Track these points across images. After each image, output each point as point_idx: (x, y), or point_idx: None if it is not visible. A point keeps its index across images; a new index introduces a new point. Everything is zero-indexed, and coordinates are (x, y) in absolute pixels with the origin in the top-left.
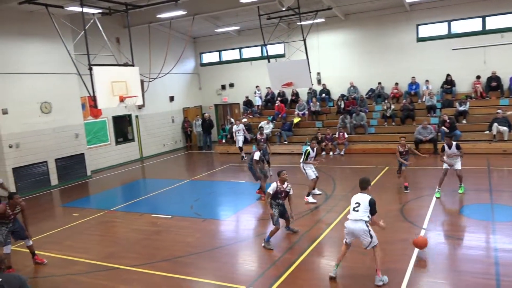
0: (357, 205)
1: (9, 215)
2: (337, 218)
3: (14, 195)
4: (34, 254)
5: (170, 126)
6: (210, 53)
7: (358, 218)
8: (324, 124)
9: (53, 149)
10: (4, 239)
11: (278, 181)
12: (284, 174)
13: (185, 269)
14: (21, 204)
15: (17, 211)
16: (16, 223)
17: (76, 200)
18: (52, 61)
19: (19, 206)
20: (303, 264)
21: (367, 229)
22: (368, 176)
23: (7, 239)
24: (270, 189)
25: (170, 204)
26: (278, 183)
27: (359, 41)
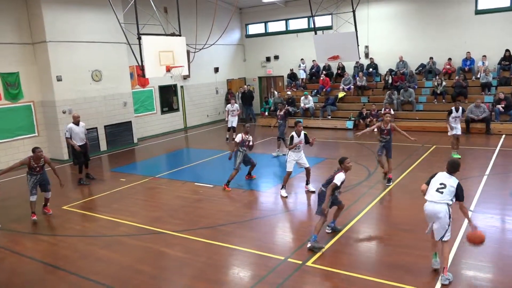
0: (442, 186)
1: (35, 167)
2: (379, 195)
3: (36, 149)
4: (46, 205)
5: (214, 97)
6: (255, 24)
7: (442, 200)
8: (369, 99)
9: (103, 116)
10: (31, 188)
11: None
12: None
13: (225, 237)
14: (45, 157)
15: (41, 163)
16: (43, 175)
17: (124, 166)
18: (103, 30)
19: (43, 159)
20: (343, 239)
21: (449, 212)
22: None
23: (33, 190)
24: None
25: (212, 174)
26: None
27: (411, 13)
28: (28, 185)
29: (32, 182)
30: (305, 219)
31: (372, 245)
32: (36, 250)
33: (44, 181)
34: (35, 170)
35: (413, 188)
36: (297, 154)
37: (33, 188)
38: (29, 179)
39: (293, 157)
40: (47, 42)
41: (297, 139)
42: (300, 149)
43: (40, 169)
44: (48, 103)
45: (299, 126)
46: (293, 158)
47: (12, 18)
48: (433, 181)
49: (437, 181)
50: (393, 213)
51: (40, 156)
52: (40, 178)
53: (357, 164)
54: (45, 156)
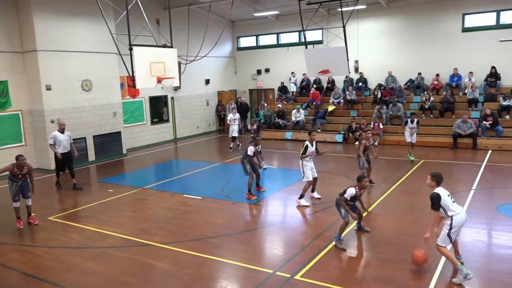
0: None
1: (17, 174)
2: (367, 208)
3: (20, 157)
4: (30, 214)
5: (204, 109)
6: (247, 37)
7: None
8: (359, 113)
9: (92, 126)
10: (13, 195)
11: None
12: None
13: (213, 249)
14: (28, 165)
15: (24, 171)
16: (25, 182)
17: (112, 176)
18: (94, 40)
19: (26, 167)
20: (331, 252)
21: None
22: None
23: (15, 196)
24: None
25: (201, 186)
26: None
27: (400, 29)
28: (10, 192)
29: (14, 188)
30: (294, 232)
31: (360, 258)
32: (20, 261)
33: (25, 188)
34: (17, 177)
35: (401, 202)
36: (311, 163)
37: (15, 195)
38: (11, 185)
39: (309, 166)
40: (37, 51)
41: (311, 149)
42: (311, 158)
43: (23, 176)
44: (37, 112)
45: (313, 135)
46: (309, 168)
47: (2, 26)
48: (445, 194)
49: (447, 194)
50: (381, 226)
51: (23, 164)
52: (21, 185)
53: (346, 178)
54: (28, 164)
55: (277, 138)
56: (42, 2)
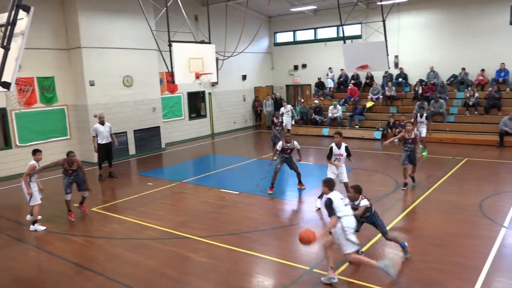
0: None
1: (67, 169)
2: (408, 207)
3: (70, 153)
4: (82, 203)
5: (241, 104)
6: (284, 33)
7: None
8: (398, 109)
9: (133, 121)
10: (65, 187)
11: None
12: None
13: (249, 244)
14: (77, 161)
15: (74, 167)
16: (78, 176)
17: (151, 170)
18: (135, 37)
19: (76, 163)
20: (371, 250)
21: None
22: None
23: (67, 189)
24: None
25: (237, 181)
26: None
27: (444, 22)
28: (63, 184)
29: (67, 182)
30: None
31: (400, 259)
32: (66, 250)
33: (80, 181)
34: (68, 172)
35: (443, 201)
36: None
37: (67, 187)
38: (64, 178)
39: (332, 170)
40: (81, 48)
41: (337, 151)
42: (340, 161)
43: (73, 172)
44: (81, 107)
45: (336, 137)
46: (333, 171)
47: (50, 25)
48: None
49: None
50: (423, 226)
51: (73, 161)
52: (74, 179)
53: (384, 175)
54: (78, 160)
55: (313, 134)
56: (86, 1)
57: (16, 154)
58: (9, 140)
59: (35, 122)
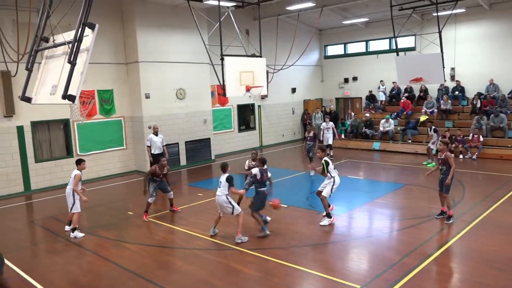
0: (220, 183)
1: (159, 174)
2: (465, 227)
3: (161, 158)
4: (172, 204)
5: (290, 117)
6: (335, 46)
7: (220, 193)
8: (455, 124)
9: (185, 132)
10: (152, 192)
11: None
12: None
13: (298, 258)
14: (167, 167)
15: (164, 172)
16: (163, 181)
17: (201, 181)
18: (189, 51)
19: (166, 168)
20: (425, 272)
21: (227, 200)
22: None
23: (153, 193)
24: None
25: (286, 194)
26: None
27: (505, 33)
28: (149, 189)
29: (153, 187)
30: (382, 247)
31: (456, 281)
32: (120, 256)
33: (164, 185)
34: (158, 177)
35: (505, 222)
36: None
37: (153, 191)
38: (151, 185)
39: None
40: (139, 62)
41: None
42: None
43: (163, 177)
44: (136, 119)
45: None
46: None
47: (110, 40)
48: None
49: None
50: (482, 248)
51: (165, 165)
52: (159, 184)
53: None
54: (167, 165)
55: (364, 148)
56: (144, 17)
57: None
58: (71, 149)
59: (94, 132)
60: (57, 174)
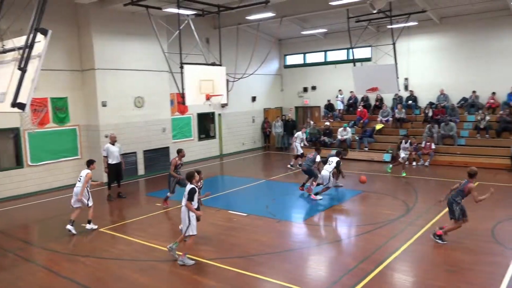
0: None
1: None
2: (418, 231)
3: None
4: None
5: (250, 126)
6: (294, 55)
7: (182, 205)
8: (408, 132)
9: (143, 141)
10: (173, 187)
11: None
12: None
13: (258, 267)
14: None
15: (182, 162)
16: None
17: (160, 190)
18: (148, 59)
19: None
20: (381, 276)
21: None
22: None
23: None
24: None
25: (246, 202)
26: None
27: (454, 46)
28: (171, 184)
29: (174, 182)
30: (340, 253)
31: (410, 285)
32: (74, 270)
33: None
34: (179, 168)
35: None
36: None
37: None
38: (173, 180)
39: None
40: (95, 69)
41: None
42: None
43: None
44: (92, 127)
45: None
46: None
47: (64, 47)
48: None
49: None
50: (435, 251)
51: (184, 155)
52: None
53: (394, 199)
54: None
55: (322, 156)
56: (101, 24)
57: (27, 174)
58: (21, 160)
59: (47, 141)
60: (6, 185)
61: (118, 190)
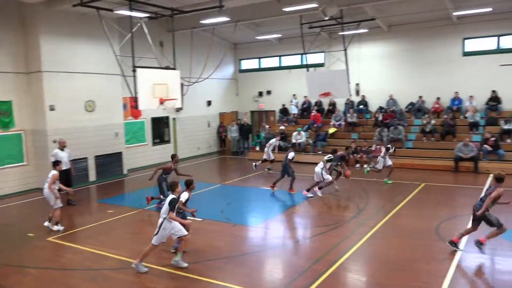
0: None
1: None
2: (369, 232)
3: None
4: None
5: (206, 130)
6: (249, 60)
7: (161, 215)
8: (360, 136)
9: (94, 146)
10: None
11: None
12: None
13: (213, 272)
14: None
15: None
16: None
17: (112, 197)
18: (99, 62)
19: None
20: (333, 276)
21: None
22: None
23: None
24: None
25: (201, 207)
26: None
27: (401, 53)
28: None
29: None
30: (295, 255)
31: (361, 284)
32: (21, 283)
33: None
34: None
35: (402, 226)
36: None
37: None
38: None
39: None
40: (42, 72)
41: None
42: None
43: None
44: (39, 132)
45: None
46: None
47: (8, 48)
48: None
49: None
50: (384, 251)
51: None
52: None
53: (346, 201)
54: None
55: (278, 160)
56: (49, 25)
57: None
58: None
59: None
60: None
61: (68, 197)
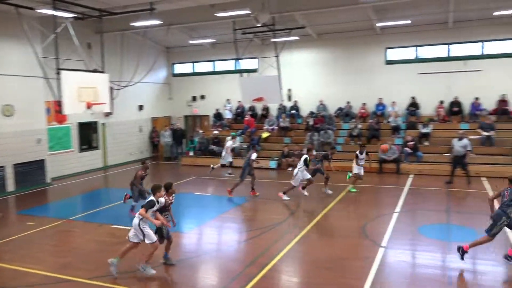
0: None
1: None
2: (299, 233)
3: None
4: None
5: (137, 135)
6: (182, 64)
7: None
8: (292, 140)
9: (13, 154)
10: (136, 196)
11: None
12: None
13: (143, 282)
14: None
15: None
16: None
17: (33, 208)
18: (17, 63)
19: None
20: (266, 279)
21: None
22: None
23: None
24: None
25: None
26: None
27: (330, 60)
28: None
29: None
30: (228, 260)
31: (292, 284)
32: None
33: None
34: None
35: (332, 226)
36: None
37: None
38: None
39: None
40: None
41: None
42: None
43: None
44: None
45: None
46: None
47: None
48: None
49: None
50: (315, 251)
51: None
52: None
53: (279, 203)
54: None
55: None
56: None
57: None
58: None
59: None
60: None
61: None
